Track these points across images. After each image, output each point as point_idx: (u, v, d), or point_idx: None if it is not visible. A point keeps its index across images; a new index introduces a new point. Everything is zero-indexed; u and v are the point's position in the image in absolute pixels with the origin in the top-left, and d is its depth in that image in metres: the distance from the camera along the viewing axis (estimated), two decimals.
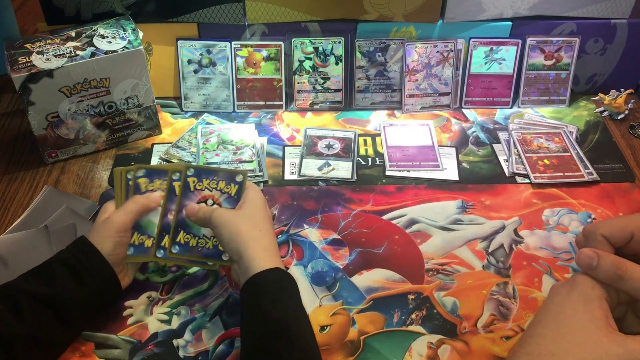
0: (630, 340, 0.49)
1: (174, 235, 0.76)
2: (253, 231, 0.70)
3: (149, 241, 0.76)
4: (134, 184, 0.77)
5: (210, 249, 0.76)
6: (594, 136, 1.05)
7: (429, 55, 1.06)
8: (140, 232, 0.76)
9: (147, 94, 0.98)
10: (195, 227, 0.77)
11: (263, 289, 0.66)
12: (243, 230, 0.70)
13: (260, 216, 0.73)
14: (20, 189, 0.94)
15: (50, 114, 0.93)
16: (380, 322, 0.77)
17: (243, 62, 1.06)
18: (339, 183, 0.96)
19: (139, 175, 0.77)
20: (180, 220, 0.77)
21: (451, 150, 1.02)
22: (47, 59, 0.89)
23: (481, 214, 0.91)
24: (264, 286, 0.66)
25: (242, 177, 0.77)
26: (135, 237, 0.76)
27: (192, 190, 0.77)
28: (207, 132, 1.03)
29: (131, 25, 0.97)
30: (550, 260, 0.85)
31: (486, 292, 0.81)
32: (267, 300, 0.64)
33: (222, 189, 0.77)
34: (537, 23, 1.06)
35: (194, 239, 0.76)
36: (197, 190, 0.77)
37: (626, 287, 0.51)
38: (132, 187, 0.77)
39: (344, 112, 1.10)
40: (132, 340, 0.75)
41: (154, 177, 0.77)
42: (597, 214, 0.91)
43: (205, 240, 0.77)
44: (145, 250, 0.76)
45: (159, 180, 0.77)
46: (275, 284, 0.66)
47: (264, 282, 0.66)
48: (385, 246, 0.86)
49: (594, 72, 1.12)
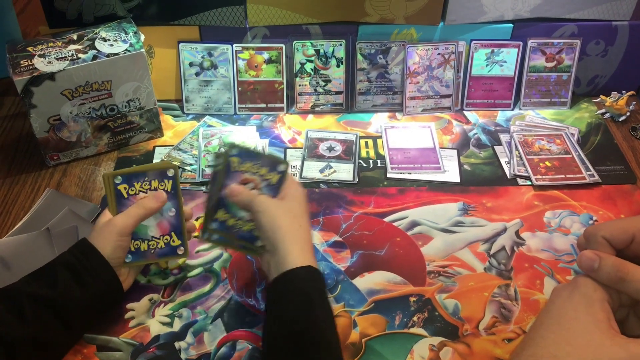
0: (633, 344, 0.49)
1: (213, 213, 0.75)
2: (292, 225, 0.70)
3: (144, 245, 0.76)
4: (115, 190, 0.76)
5: (245, 233, 0.75)
6: (595, 138, 1.05)
7: (430, 57, 1.06)
8: (134, 238, 0.76)
9: (149, 96, 0.99)
10: (234, 208, 0.75)
11: (293, 287, 0.65)
12: (283, 222, 0.69)
13: (301, 210, 0.72)
14: (22, 192, 0.94)
15: (52, 117, 0.93)
16: (381, 324, 0.77)
17: (244, 65, 1.06)
18: (340, 185, 0.96)
19: (117, 183, 0.76)
20: (220, 199, 0.75)
21: (452, 152, 1.02)
22: (49, 62, 0.90)
23: (483, 216, 0.91)
24: (296, 283, 0.65)
25: (285, 166, 0.75)
26: (130, 245, 0.76)
27: (234, 171, 0.75)
28: (208, 135, 1.03)
29: (133, 28, 0.98)
30: (552, 262, 0.85)
31: (488, 294, 0.81)
32: (297, 300, 0.64)
33: (264, 175, 0.75)
34: (538, 25, 1.06)
35: (232, 219, 0.75)
36: (238, 172, 0.75)
37: (628, 289, 0.51)
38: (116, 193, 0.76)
39: (346, 115, 1.10)
40: (134, 343, 0.75)
41: (132, 180, 0.76)
42: (599, 215, 0.91)
43: (243, 222, 0.75)
44: (143, 254, 0.76)
45: (138, 184, 0.76)
46: (306, 282, 0.66)
47: (296, 280, 0.66)
48: (386, 248, 0.86)
49: (595, 74, 1.12)
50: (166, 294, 0.80)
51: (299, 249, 0.68)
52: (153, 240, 0.77)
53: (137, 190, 0.76)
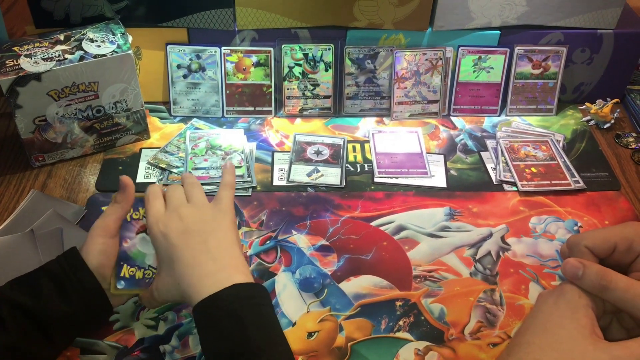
0: (615, 347, 0.49)
1: (117, 270, 0.72)
2: (188, 245, 0.66)
3: (140, 273, 0.73)
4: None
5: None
6: (580, 145, 1.06)
7: (417, 63, 1.07)
8: (129, 264, 0.73)
9: (136, 98, 0.98)
10: (139, 259, 0.73)
11: (219, 313, 0.61)
12: (181, 264, 0.65)
13: (198, 239, 0.67)
14: (6, 193, 0.93)
15: (37, 118, 0.92)
16: (367, 328, 0.77)
17: (233, 68, 1.06)
18: (327, 189, 0.96)
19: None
20: (121, 253, 0.72)
21: (439, 157, 1.02)
22: (35, 62, 0.89)
23: (469, 221, 0.92)
24: (221, 309, 0.61)
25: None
26: (124, 270, 0.72)
27: (129, 220, 0.74)
28: (195, 137, 1.02)
29: (120, 29, 0.97)
30: (537, 267, 0.85)
31: (473, 299, 0.81)
32: (225, 325, 0.60)
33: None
34: (525, 32, 1.07)
35: (139, 271, 0.73)
36: (133, 220, 0.74)
37: (611, 297, 0.52)
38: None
39: (333, 119, 1.10)
40: (118, 346, 0.74)
41: (138, 205, 0.74)
42: (584, 222, 0.92)
43: (152, 270, 0.73)
44: (136, 282, 0.73)
45: (143, 209, 0.74)
46: (233, 304, 0.61)
47: (220, 304, 0.61)
48: (373, 252, 0.87)
49: (580, 82, 1.13)
50: None
51: (204, 279, 0.63)
52: (149, 270, 0.73)
53: (141, 216, 0.74)
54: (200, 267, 0.64)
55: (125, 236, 0.74)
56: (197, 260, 0.65)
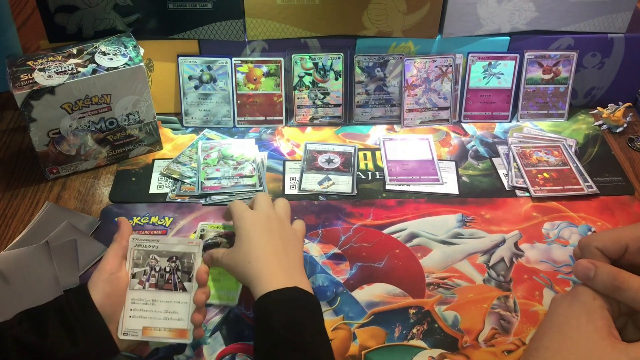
0: (633, 348, 0.49)
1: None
2: (246, 265, 0.71)
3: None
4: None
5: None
6: (593, 149, 1.06)
7: (427, 70, 1.07)
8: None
9: (148, 110, 0.99)
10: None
11: (278, 307, 0.66)
12: (238, 270, 0.72)
13: (259, 240, 0.73)
14: (22, 206, 0.95)
15: (51, 131, 0.93)
16: (381, 336, 0.77)
17: (243, 78, 1.07)
18: (339, 197, 0.96)
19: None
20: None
21: (451, 164, 1.02)
22: (48, 76, 0.90)
23: (481, 227, 0.91)
24: (281, 303, 0.66)
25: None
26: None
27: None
28: (207, 148, 1.03)
29: (132, 42, 0.98)
30: (551, 273, 0.85)
31: (487, 306, 0.81)
32: (282, 319, 0.64)
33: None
34: (535, 38, 1.07)
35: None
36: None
37: (623, 297, 0.52)
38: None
39: (344, 127, 1.10)
40: (133, 356, 0.75)
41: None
42: (597, 227, 0.91)
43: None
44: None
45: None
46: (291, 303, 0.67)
47: (281, 300, 0.66)
48: (385, 260, 0.86)
49: (592, 86, 1.13)
50: None
51: (267, 278, 0.68)
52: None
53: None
54: (279, 262, 0.71)
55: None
56: (277, 256, 0.71)
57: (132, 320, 0.71)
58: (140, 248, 0.73)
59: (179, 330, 0.71)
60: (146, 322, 0.71)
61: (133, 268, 0.73)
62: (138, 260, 0.73)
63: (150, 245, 0.74)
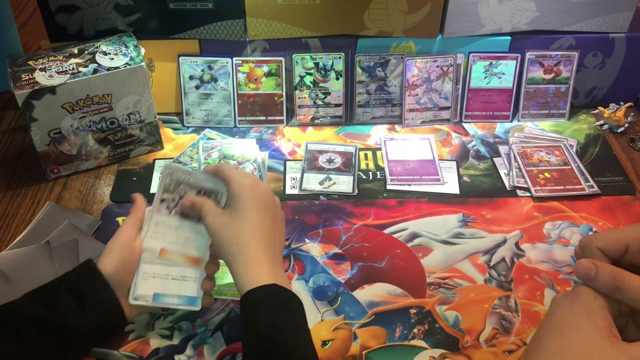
0: (633, 347, 0.49)
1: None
2: (238, 245, 0.68)
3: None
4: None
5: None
6: (594, 149, 1.05)
7: (428, 69, 1.07)
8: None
9: (149, 109, 0.99)
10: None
11: (256, 307, 0.64)
12: (227, 240, 0.69)
13: (255, 221, 0.69)
14: (23, 205, 0.95)
15: (52, 130, 0.93)
16: (382, 336, 0.77)
17: (244, 78, 1.07)
18: (340, 197, 0.96)
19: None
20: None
21: (452, 164, 1.02)
22: (49, 76, 0.90)
23: (482, 227, 0.91)
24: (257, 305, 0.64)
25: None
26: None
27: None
28: (208, 147, 1.03)
29: (133, 42, 0.98)
30: (552, 273, 0.85)
31: (488, 306, 0.81)
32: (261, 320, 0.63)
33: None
34: (536, 37, 1.07)
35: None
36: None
37: (624, 297, 0.52)
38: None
39: (345, 127, 1.10)
40: (134, 356, 0.75)
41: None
42: (598, 227, 0.91)
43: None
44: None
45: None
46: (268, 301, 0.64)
47: (256, 301, 0.64)
48: (386, 260, 0.86)
49: (593, 86, 1.13)
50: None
51: (254, 268, 0.66)
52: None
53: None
54: (266, 252, 0.68)
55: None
56: (266, 245, 0.69)
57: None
58: (173, 177, 0.75)
59: (193, 259, 0.74)
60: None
61: (163, 194, 0.75)
62: (169, 187, 0.75)
63: (183, 176, 0.75)
